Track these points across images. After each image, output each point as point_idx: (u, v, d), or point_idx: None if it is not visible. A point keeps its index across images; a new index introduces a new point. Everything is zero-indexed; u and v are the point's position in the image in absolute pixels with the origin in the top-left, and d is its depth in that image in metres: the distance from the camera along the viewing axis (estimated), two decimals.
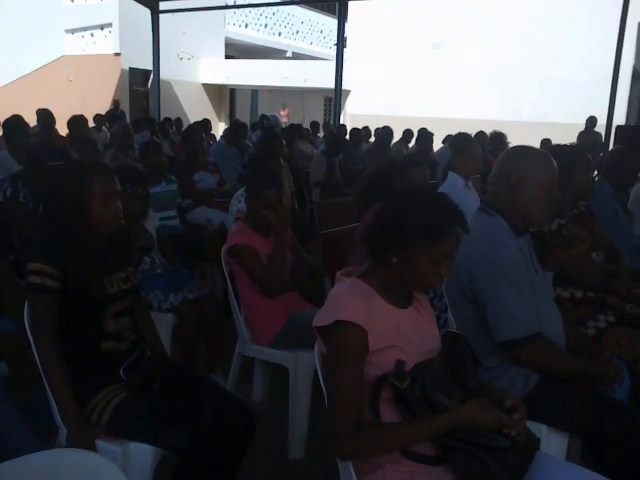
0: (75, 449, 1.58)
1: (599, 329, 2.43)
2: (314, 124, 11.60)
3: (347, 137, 8.76)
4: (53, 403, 1.85)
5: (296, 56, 22.48)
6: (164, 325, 2.79)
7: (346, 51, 11.92)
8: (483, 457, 1.40)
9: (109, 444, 1.81)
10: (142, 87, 17.12)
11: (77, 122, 6.27)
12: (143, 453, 1.80)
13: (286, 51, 22.60)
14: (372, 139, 10.07)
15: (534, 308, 1.90)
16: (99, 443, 1.80)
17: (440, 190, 4.05)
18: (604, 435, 1.81)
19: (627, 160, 3.41)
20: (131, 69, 16.48)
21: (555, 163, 1.97)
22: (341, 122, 10.86)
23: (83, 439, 1.77)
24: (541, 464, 1.49)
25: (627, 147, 3.96)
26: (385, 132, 8.39)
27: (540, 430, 1.81)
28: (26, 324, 1.87)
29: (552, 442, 1.89)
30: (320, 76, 16.78)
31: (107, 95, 15.41)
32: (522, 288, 1.88)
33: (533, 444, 1.49)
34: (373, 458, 1.46)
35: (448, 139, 7.97)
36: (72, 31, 17.01)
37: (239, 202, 3.77)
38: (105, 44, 16.67)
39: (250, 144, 8.64)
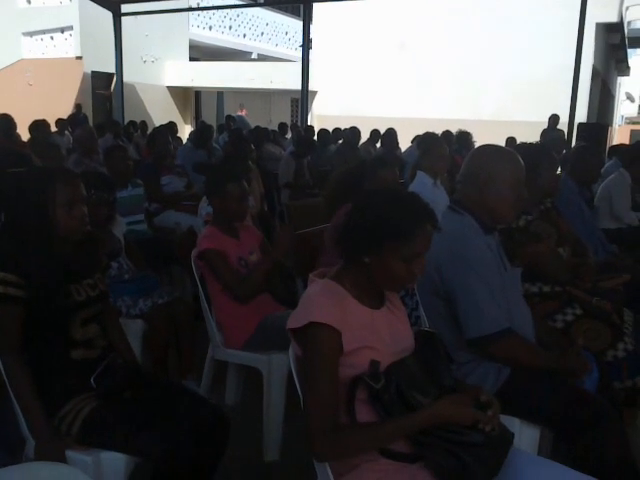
0: (44, 462, 1.54)
1: (567, 322, 2.48)
2: (282, 125, 11.57)
3: (315, 138, 8.77)
4: (20, 415, 1.80)
5: (262, 58, 22.41)
6: (134, 331, 2.74)
7: (312, 52, 11.93)
8: (459, 453, 1.41)
9: (80, 454, 1.77)
10: (105, 90, 16.83)
11: (39, 127, 6.14)
12: (115, 462, 1.77)
13: (251, 53, 22.51)
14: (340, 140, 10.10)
15: (504, 304, 1.93)
16: (69, 454, 1.76)
17: (409, 189, 4.09)
18: (574, 425, 1.85)
19: (590, 157, 3.50)
20: (93, 72, 16.17)
21: (522, 161, 2.01)
22: (309, 123, 10.86)
23: (52, 450, 1.72)
24: (515, 459, 1.50)
25: (589, 144, 4.06)
26: (353, 133, 8.42)
27: (513, 423, 1.84)
28: None
29: (524, 435, 1.92)
30: (286, 78, 16.78)
31: (69, 99, 15.09)
32: (491, 285, 1.91)
33: (507, 439, 1.51)
34: (350, 458, 1.46)
35: (416, 139, 8.05)
36: (30, 34, 16.62)
37: (208, 205, 3.72)
38: (66, 47, 16.33)
39: (217, 146, 8.58)
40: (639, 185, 4.89)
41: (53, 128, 8.43)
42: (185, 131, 16.91)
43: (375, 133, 9.19)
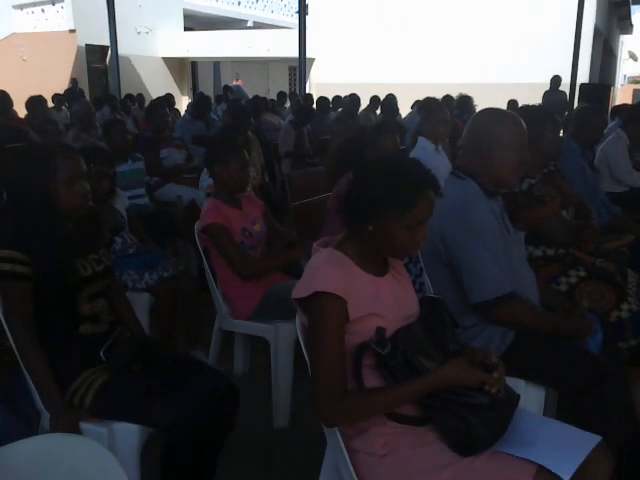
0: (61, 434, 1.57)
1: (571, 284, 2.49)
2: (281, 94, 11.45)
3: (314, 106, 8.68)
4: (33, 389, 1.83)
5: (258, 25, 22.05)
6: (140, 305, 2.76)
7: (308, 19, 11.72)
8: (466, 415, 1.43)
9: (94, 426, 1.80)
10: (100, 64, 16.61)
11: (36, 103, 6.08)
12: (129, 433, 1.80)
13: (247, 21, 22.14)
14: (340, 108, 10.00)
15: (508, 268, 1.93)
16: (83, 426, 1.79)
17: (410, 156, 4.06)
18: (579, 386, 1.87)
19: (593, 118, 3.46)
20: (87, 46, 15.94)
21: (524, 125, 1.99)
22: (307, 91, 10.74)
23: (67, 423, 1.76)
24: (520, 420, 1.53)
25: (591, 105, 4.01)
26: (352, 100, 8.33)
27: (518, 385, 1.86)
28: None
29: (530, 396, 1.95)
30: (283, 45, 16.53)
31: (64, 73, 14.92)
32: (495, 250, 1.91)
33: (513, 400, 1.53)
34: (358, 423, 1.49)
35: (416, 104, 7.96)
36: (20, 7, 16.35)
37: (209, 177, 3.71)
38: (58, 20, 16.09)
39: (216, 117, 8.51)
40: (637, 145, 4.84)
41: (49, 104, 8.34)
42: (182, 103, 16.74)
43: (375, 100, 9.09)
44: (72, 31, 15.75)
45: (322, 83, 16.28)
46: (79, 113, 5.56)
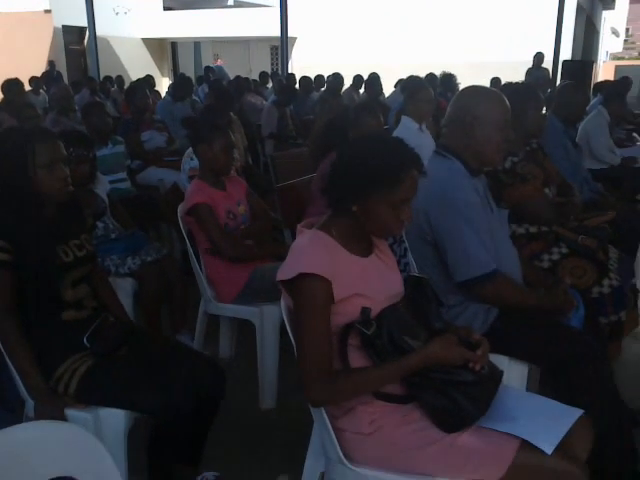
0: (46, 420, 1.56)
1: (553, 261, 2.52)
2: (263, 75, 11.32)
3: (297, 87, 8.60)
4: (17, 376, 1.82)
5: (238, 4, 21.70)
6: (124, 290, 2.75)
7: None
8: (450, 392, 1.45)
9: (79, 412, 1.79)
10: (78, 46, 16.28)
11: (12, 86, 5.94)
12: (115, 418, 1.80)
13: None
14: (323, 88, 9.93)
15: (491, 246, 1.95)
16: (69, 412, 1.79)
17: (394, 135, 4.05)
18: (561, 361, 1.90)
19: (576, 95, 3.47)
20: (64, 27, 15.60)
21: (507, 102, 1.99)
22: (289, 71, 10.64)
23: (51, 409, 1.75)
24: (504, 395, 1.55)
25: (574, 82, 4.01)
26: (335, 79, 8.27)
27: (502, 362, 1.88)
28: None
29: (513, 372, 1.97)
30: (265, 24, 16.30)
31: (41, 56, 14.59)
32: (479, 228, 1.92)
33: (497, 376, 1.54)
34: (344, 402, 1.50)
35: (399, 83, 7.93)
36: None
37: (191, 160, 3.68)
38: (33, 0, 15.67)
39: (197, 99, 8.40)
40: (618, 122, 4.87)
41: (27, 87, 8.17)
42: (163, 84, 16.50)
43: (358, 79, 9.03)
44: (47, 11, 15.39)
45: (304, 66, 16.12)
46: (57, 96, 5.46)
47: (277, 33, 10.62)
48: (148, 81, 9.33)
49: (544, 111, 2.71)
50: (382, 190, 1.43)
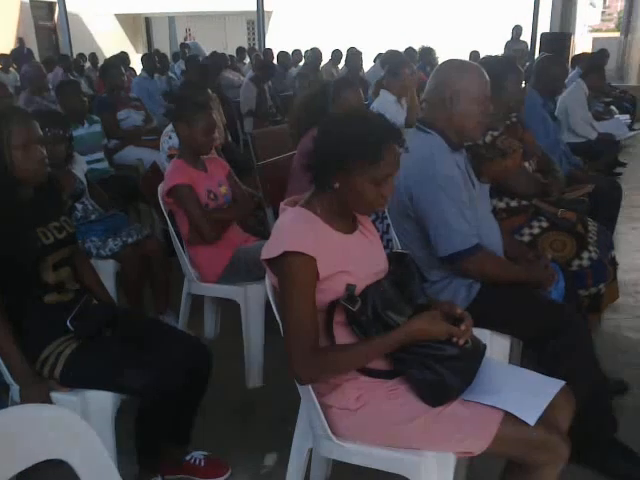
0: (33, 404, 1.56)
1: (534, 235, 2.54)
2: (240, 50, 11.15)
3: (275, 62, 8.49)
4: (0, 361, 1.80)
5: None
6: (106, 272, 2.73)
7: None
8: (435, 366, 1.47)
9: (65, 395, 1.79)
10: (48, 22, 15.83)
11: None
12: (102, 400, 1.80)
13: None
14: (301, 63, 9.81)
15: (473, 221, 1.96)
16: (55, 395, 1.78)
17: (372, 108, 4.03)
18: (542, 334, 1.93)
19: (554, 68, 3.47)
20: (32, 2, 15.13)
21: (487, 75, 1.98)
22: (266, 46, 10.48)
23: (37, 393, 1.74)
24: (487, 369, 1.57)
25: (553, 54, 4.01)
26: (314, 54, 8.18)
27: (484, 335, 1.91)
28: None
29: (495, 345, 2.01)
30: None
31: (9, 33, 14.13)
32: (461, 203, 1.93)
33: (480, 350, 1.57)
34: (331, 379, 1.51)
35: (378, 57, 7.87)
36: None
37: (170, 138, 3.62)
38: None
39: (174, 75, 8.25)
40: (596, 94, 4.90)
41: None
42: (137, 61, 16.15)
43: (336, 53, 8.94)
44: None
45: (281, 41, 15.90)
46: (30, 75, 5.32)
47: (253, 7, 10.41)
48: (123, 58, 9.14)
49: (523, 84, 2.71)
50: (364, 165, 1.43)
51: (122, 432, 1.87)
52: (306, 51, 9.07)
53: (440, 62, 2.13)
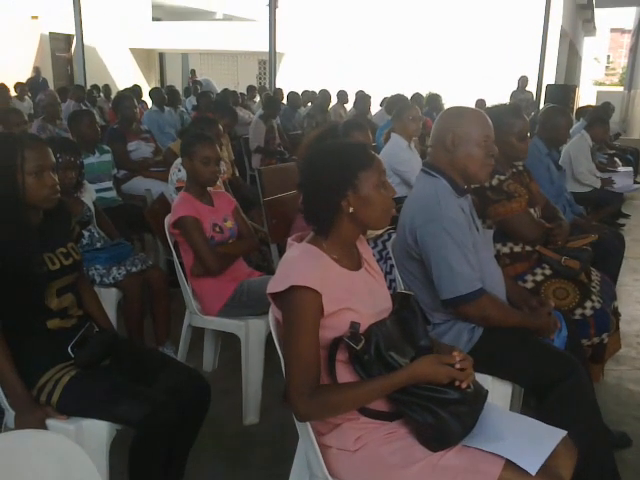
0: (28, 430, 1.54)
1: (537, 282, 2.54)
2: (250, 88, 11.36)
3: (285, 102, 8.65)
4: None
5: (227, 17, 21.83)
6: (108, 300, 2.72)
7: (278, 12, 11.63)
8: (436, 410, 1.45)
9: (61, 423, 1.77)
10: (65, 53, 16.20)
11: None
12: (97, 429, 1.77)
13: (216, 13, 21.89)
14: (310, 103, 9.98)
15: (476, 265, 1.96)
16: (50, 422, 1.76)
17: (384, 151, 4.09)
18: (544, 382, 1.92)
19: (559, 118, 3.53)
20: (51, 34, 15.52)
21: (488, 119, 2.03)
22: (277, 86, 10.69)
23: (32, 419, 1.72)
24: (489, 415, 1.56)
25: (558, 105, 4.09)
26: (323, 95, 8.34)
27: (486, 381, 1.89)
28: None
29: (497, 392, 1.98)
30: (253, 38, 16.40)
31: (27, 62, 14.46)
32: (465, 247, 1.94)
33: (482, 395, 1.55)
34: (331, 418, 1.49)
35: (384, 102, 8.01)
36: None
37: (179, 170, 3.67)
38: (21, 6, 15.57)
39: (185, 110, 8.40)
40: (600, 146, 4.98)
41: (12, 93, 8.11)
42: None
43: (342, 94, 9.13)
44: (35, 17, 15.30)
45: (291, 82, 16.25)
46: (44, 103, 5.42)
47: (265, 48, 10.66)
48: (136, 91, 9.30)
49: (528, 134, 2.76)
50: (366, 174, 1.47)
51: (117, 463, 1.84)
52: (319, 91, 9.26)
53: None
